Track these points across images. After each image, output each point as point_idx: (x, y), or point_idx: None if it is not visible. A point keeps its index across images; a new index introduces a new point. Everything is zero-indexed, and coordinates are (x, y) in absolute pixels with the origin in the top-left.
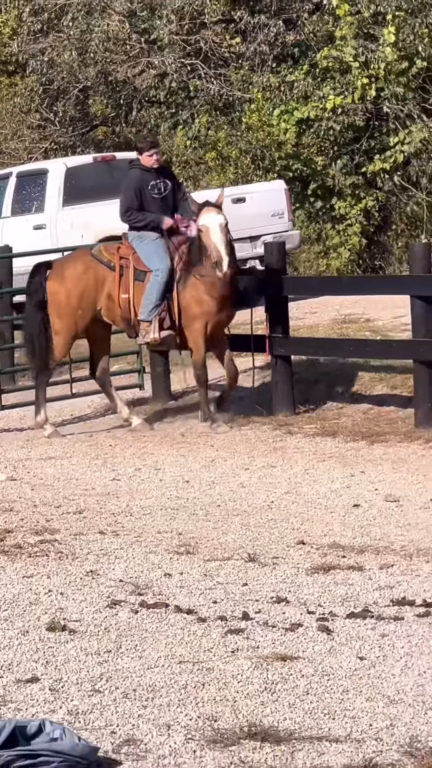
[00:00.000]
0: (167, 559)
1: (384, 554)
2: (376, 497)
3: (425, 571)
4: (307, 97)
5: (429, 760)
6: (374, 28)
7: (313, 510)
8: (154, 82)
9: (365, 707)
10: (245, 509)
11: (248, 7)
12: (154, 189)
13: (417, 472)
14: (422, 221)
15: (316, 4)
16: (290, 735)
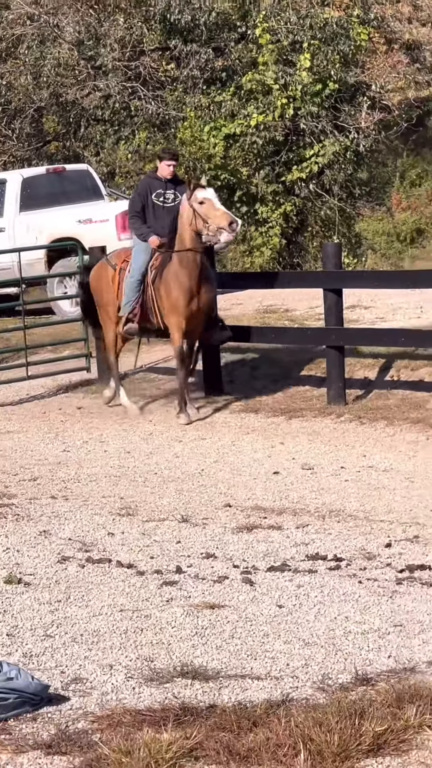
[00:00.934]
0: (110, 521)
1: (300, 515)
2: (293, 465)
3: (336, 530)
4: (233, 115)
5: (338, 695)
6: (292, 54)
7: (238, 477)
8: (99, 103)
9: (283, 649)
10: (179, 476)
11: (182, 36)
12: (159, 197)
13: (329, 443)
14: (334, 224)
15: (242, 34)
16: (218, 673)
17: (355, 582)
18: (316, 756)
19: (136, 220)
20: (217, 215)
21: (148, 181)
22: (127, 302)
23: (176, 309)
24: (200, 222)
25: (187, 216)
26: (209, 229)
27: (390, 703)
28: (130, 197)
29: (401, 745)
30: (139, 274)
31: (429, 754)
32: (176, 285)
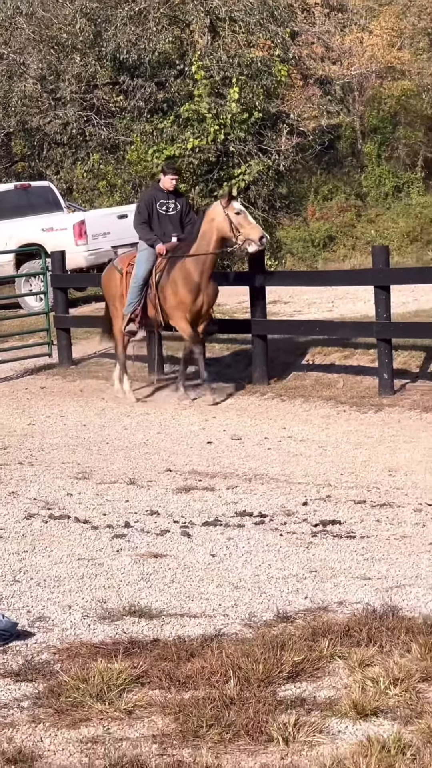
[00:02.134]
0: (69, 483)
1: (230, 478)
2: (224, 436)
3: (260, 491)
4: (173, 139)
5: (262, 630)
6: (223, 88)
7: (178, 446)
8: (59, 129)
9: (216, 592)
10: (127, 445)
11: (129, 72)
12: (162, 206)
13: (255, 417)
14: None
15: (180, 71)
16: (160, 612)
17: (277, 535)
18: (243, 682)
19: (144, 227)
20: (249, 227)
21: (153, 192)
22: (130, 303)
23: (183, 305)
24: (233, 230)
25: (219, 222)
26: (238, 238)
27: (306, 637)
28: (137, 207)
29: (316, 672)
30: (142, 279)
31: (339, 680)
32: (185, 283)
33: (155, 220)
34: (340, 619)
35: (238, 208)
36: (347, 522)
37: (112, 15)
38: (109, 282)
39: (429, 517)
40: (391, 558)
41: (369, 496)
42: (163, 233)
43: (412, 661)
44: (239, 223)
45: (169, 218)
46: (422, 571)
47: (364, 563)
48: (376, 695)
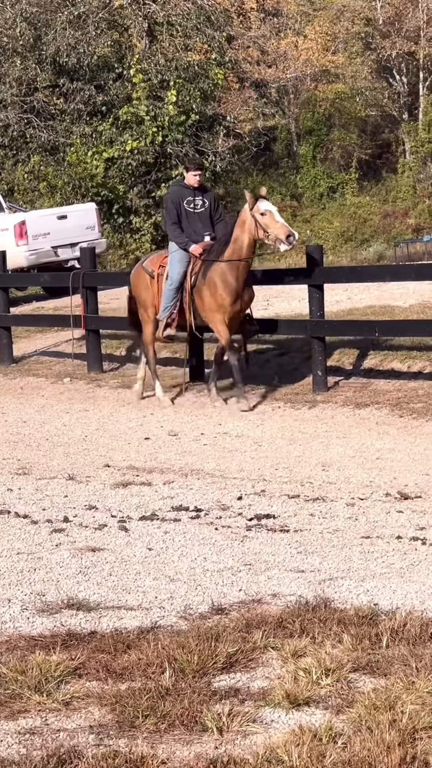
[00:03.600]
0: (9, 479)
1: (167, 473)
2: (161, 432)
3: (196, 486)
4: (112, 141)
5: (198, 622)
6: (161, 91)
7: (116, 442)
8: (0, 131)
9: (152, 585)
10: (66, 441)
11: (69, 76)
12: (190, 204)
13: (191, 414)
14: None
15: (119, 74)
16: (98, 605)
17: (212, 529)
18: (179, 673)
19: (175, 228)
20: (276, 227)
21: (178, 190)
22: (165, 308)
23: (222, 307)
24: (261, 231)
25: (249, 224)
26: (269, 239)
27: (240, 628)
28: (165, 207)
29: (249, 663)
30: (177, 282)
31: (272, 670)
32: (224, 285)
33: (184, 219)
34: (274, 611)
35: (263, 209)
36: (281, 516)
37: (52, 19)
38: (137, 285)
39: (361, 511)
40: (324, 551)
41: (302, 490)
42: (194, 232)
43: (344, 651)
44: (266, 223)
45: (198, 216)
46: (354, 563)
47: (297, 556)
48: (309, 685)
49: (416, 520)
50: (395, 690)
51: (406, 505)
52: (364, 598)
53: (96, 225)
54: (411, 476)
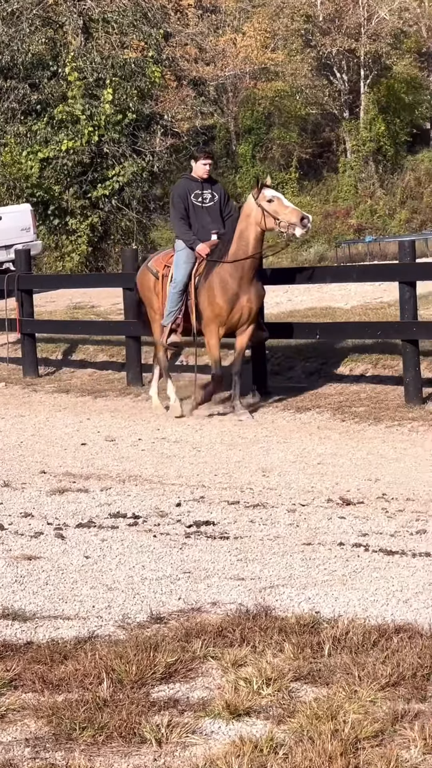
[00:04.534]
0: None
1: (104, 480)
2: (98, 438)
3: (134, 492)
4: (47, 141)
5: (136, 632)
6: (97, 89)
7: (52, 448)
8: None
9: (90, 593)
10: (1, 447)
11: (2, 74)
12: (198, 197)
13: (129, 419)
14: (133, 233)
15: (54, 72)
16: (34, 615)
17: (151, 536)
18: (117, 684)
19: (182, 224)
20: (287, 212)
21: (185, 183)
22: (169, 313)
23: (218, 317)
24: (270, 220)
25: (255, 215)
26: (281, 225)
27: (180, 638)
28: (171, 202)
29: (189, 673)
30: (182, 285)
31: (212, 680)
32: (222, 293)
33: (192, 215)
34: (214, 619)
35: (270, 196)
36: (221, 523)
37: None
38: (142, 286)
39: (302, 518)
40: (265, 558)
41: (242, 496)
42: (202, 227)
43: (285, 660)
44: (275, 210)
45: (206, 210)
46: (295, 571)
47: (237, 564)
48: (249, 695)
49: (359, 526)
50: (337, 699)
51: (349, 510)
52: (305, 606)
53: (31, 227)
54: (353, 481)
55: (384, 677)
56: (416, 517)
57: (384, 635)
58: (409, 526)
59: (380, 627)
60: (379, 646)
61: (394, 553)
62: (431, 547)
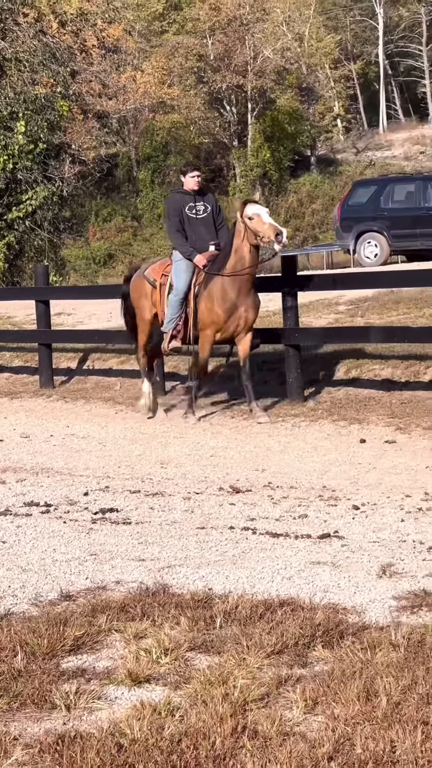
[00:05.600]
0: None
1: (19, 472)
2: (14, 434)
3: (46, 483)
4: None
5: (47, 609)
6: (11, 122)
7: None
8: None
9: (5, 575)
10: None
11: None
12: (192, 210)
13: (41, 417)
14: (44, 251)
15: None
16: None
17: (61, 522)
18: (30, 656)
19: (179, 237)
20: (264, 228)
21: (178, 197)
22: (170, 320)
23: (215, 324)
24: (252, 236)
25: (242, 232)
26: (262, 241)
27: (87, 613)
28: (166, 216)
29: (95, 645)
30: (183, 293)
31: (116, 651)
32: (221, 301)
33: (187, 226)
34: (117, 596)
35: (250, 213)
36: (124, 510)
37: None
38: (137, 293)
39: (197, 504)
40: (163, 541)
41: (143, 486)
42: (198, 239)
43: (181, 632)
44: (255, 227)
45: (201, 221)
46: (190, 552)
47: (138, 546)
48: (149, 664)
49: (247, 512)
50: (228, 666)
51: (238, 498)
52: (199, 584)
53: None
54: (242, 472)
55: (269, 646)
56: (298, 503)
57: (269, 609)
58: (293, 512)
59: (266, 601)
60: (265, 618)
61: (278, 536)
62: (312, 530)
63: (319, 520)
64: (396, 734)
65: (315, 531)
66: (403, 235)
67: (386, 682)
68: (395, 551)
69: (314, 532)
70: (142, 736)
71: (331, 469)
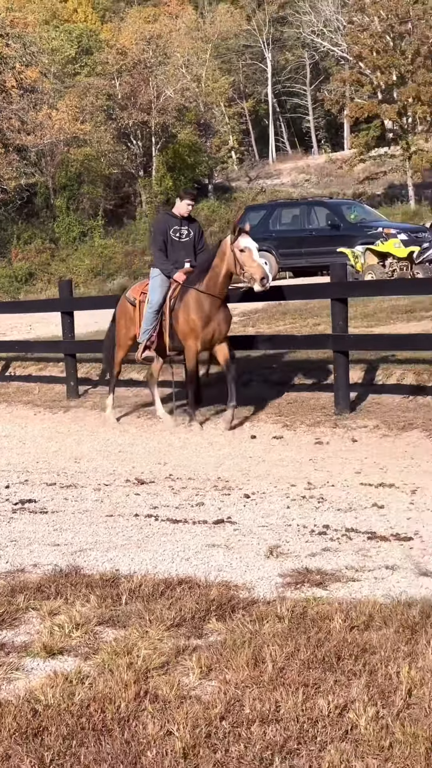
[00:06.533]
0: None
1: None
2: None
3: None
4: None
5: None
6: None
7: None
8: None
9: None
10: None
11: None
12: (176, 233)
13: None
14: None
15: None
16: None
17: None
18: None
19: (161, 255)
20: (253, 267)
21: (166, 218)
22: (145, 331)
23: (194, 331)
24: (237, 267)
25: (228, 258)
26: (244, 276)
27: (6, 593)
28: (152, 234)
29: (14, 622)
30: (157, 305)
31: (32, 627)
32: (197, 310)
33: (169, 247)
34: (34, 578)
35: (243, 245)
36: (41, 500)
37: None
38: (120, 314)
39: (106, 495)
40: (76, 528)
41: (59, 479)
42: (176, 260)
43: (91, 609)
44: (243, 261)
45: (182, 245)
46: (100, 538)
47: (54, 533)
48: (62, 638)
49: (150, 501)
50: (132, 638)
51: (143, 489)
52: (107, 566)
53: None
54: (146, 465)
55: (169, 620)
56: (196, 493)
57: (170, 587)
58: (191, 500)
59: (167, 580)
60: (166, 595)
61: (178, 522)
62: (208, 516)
63: (214, 508)
64: (280, 695)
65: (210, 517)
66: (290, 253)
67: (272, 650)
68: (281, 534)
69: (210, 518)
70: (54, 701)
71: (225, 462)
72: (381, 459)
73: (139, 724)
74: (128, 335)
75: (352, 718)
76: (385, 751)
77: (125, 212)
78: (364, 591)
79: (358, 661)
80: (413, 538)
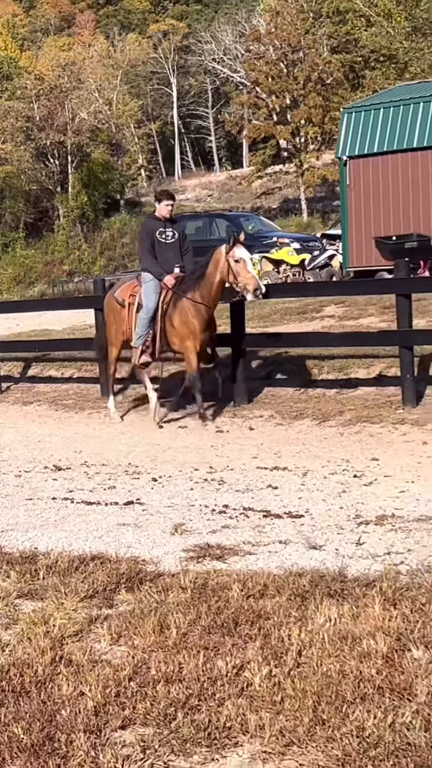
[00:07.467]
0: None
1: None
2: None
3: None
4: None
5: None
6: None
7: None
8: None
9: None
10: None
11: None
12: (162, 235)
13: None
14: None
15: None
16: None
17: None
18: None
19: (150, 258)
20: (247, 277)
21: (151, 222)
22: (140, 336)
23: (193, 334)
24: (231, 276)
25: (222, 267)
26: (237, 286)
27: None
28: (140, 238)
29: None
30: (152, 311)
31: None
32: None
33: (157, 249)
34: None
35: (238, 256)
36: None
37: None
38: (108, 311)
39: (26, 480)
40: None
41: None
42: (165, 261)
43: (11, 584)
44: (237, 270)
45: (169, 246)
46: (20, 519)
47: None
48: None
49: (67, 486)
50: (49, 609)
51: (60, 474)
52: (27, 544)
53: None
54: (64, 453)
55: (83, 592)
56: (108, 477)
57: (83, 562)
58: (104, 484)
59: (81, 556)
60: (80, 570)
61: (92, 504)
62: (119, 498)
63: (125, 491)
64: (183, 658)
65: (121, 499)
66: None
67: (176, 617)
68: (185, 514)
69: (121, 500)
70: None
71: (135, 450)
72: (275, 445)
73: (54, 686)
74: (119, 331)
75: (248, 676)
76: (277, 704)
77: (44, 225)
78: (259, 563)
79: (254, 626)
80: (304, 515)
